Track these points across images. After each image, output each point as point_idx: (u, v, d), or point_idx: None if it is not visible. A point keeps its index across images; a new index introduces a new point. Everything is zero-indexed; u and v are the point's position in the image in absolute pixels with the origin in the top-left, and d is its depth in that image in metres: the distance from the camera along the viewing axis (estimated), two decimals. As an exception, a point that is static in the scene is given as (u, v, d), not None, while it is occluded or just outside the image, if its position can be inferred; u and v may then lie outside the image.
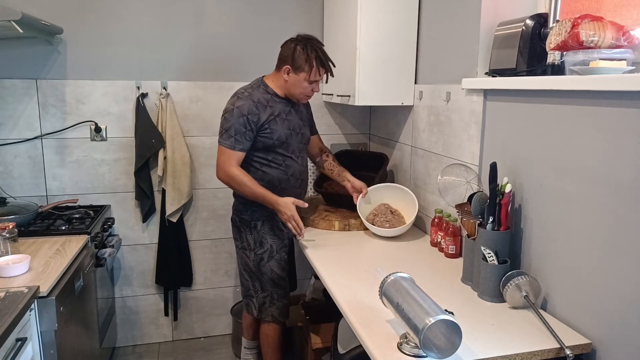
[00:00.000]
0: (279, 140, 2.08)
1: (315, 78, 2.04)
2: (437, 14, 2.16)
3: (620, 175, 1.24)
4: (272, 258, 2.16)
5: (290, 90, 2.08)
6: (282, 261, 2.19)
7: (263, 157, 2.10)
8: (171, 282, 2.84)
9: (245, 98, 2.04)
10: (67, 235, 2.19)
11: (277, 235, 2.17)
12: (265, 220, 2.15)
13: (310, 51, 2.00)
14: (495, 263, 1.53)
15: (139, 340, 2.92)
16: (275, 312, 2.21)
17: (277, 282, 2.19)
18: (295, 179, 2.17)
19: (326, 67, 2.05)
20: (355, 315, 1.46)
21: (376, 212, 2.28)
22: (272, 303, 2.20)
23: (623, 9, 1.47)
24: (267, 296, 2.19)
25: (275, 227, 2.17)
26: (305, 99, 2.14)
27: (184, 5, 2.65)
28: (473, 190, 1.80)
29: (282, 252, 2.19)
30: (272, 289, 2.19)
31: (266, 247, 2.15)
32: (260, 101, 2.05)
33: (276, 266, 2.17)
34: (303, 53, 2.00)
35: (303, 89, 2.06)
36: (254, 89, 2.09)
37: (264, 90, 2.09)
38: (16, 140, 2.55)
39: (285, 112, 2.12)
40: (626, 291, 1.23)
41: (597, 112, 1.31)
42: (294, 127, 2.14)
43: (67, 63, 2.56)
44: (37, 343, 1.64)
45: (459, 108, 1.99)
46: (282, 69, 2.05)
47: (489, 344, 1.30)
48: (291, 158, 2.15)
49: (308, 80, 2.03)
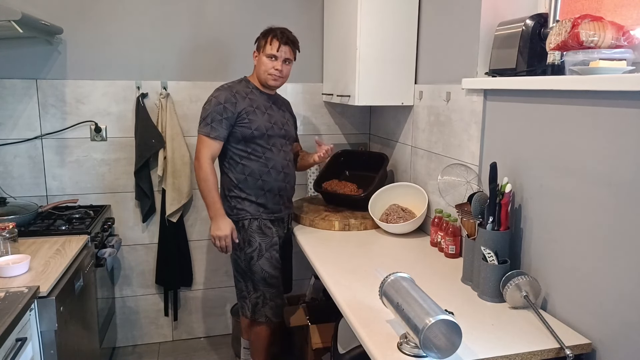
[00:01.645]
0: (258, 130, 2.11)
1: (272, 51, 2.10)
2: (437, 14, 2.16)
3: (620, 175, 1.24)
4: (262, 257, 2.16)
5: (258, 72, 2.17)
6: (273, 259, 2.19)
7: (242, 149, 2.13)
8: (171, 282, 2.84)
9: (224, 89, 2.13)
10: (67, 235, 2.19)
11: (265, 233, 2.17)
12: (251, 219, 2.16)
13: (269, 29, 2.15)
14: (495, 263, 1.53)
15: (139, 340, 2.92)
16: (268, 312, 2.21)
17: (269, 281, 2.18)
18: (276, 172, 2.17)
19: (279, 38, 2.10)
20: (355, 315, 1.46)
21: (388, 212, 2.30)
22: (265, 303, 2.20)
23: (623, 9, 1.47)
24: (259, 296, 2.19)
25: (262, 225, 2.17)
26: (269, 79, 2.13)
27: (184, 5, 2.66)
28: (473, 190, 1.80)
29: (271, 250, 2.18)
30: (264, 288, 2.19)
31: (255, 245, 2.15)
32: (239, 92, 2.13)
33: (267, 265, 2.17)
34: (261, 34, 2.17)
35: (265, 65, 2.12)
36: (234, 83, 2.19)
37: (245, 84, 2.19)
38: (16, 140, 2.55)
39: (265, 107, 2.17)
40: (626, 291, 1.23)
41: (597, 112, 1.31)
42: (275, 122, 2.18)
43: (67, 63, 2.56)
44: (37, 343, 1.64)
45: (459, 108, 1.99)
46: (254, 58, 2.20)
47: (489, 344, 1.30)
48: (271, 150, 2.15)
49: (268, 55, 2.11)
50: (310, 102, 2.94)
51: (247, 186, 2.15)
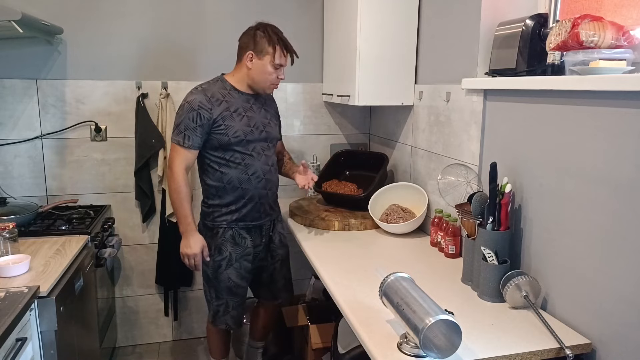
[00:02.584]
0: (235, 137, 1.98)
1: (280, 61, 1.98)
2: (437, 14, 2.16)
3: (620, 175, 1.24)
4: (231, 266, 2.08)
5: (254, 78, 2.00)
6: (242, 269, 2.10)
7: (220, 157, 2.01)
8: (171, 282, 2.84)
9: (197, 92, 1.97)
10: (67, 235, 2.19)
11: (239, 243, 2.08)
12: (226, 228, 2.07)
13: (271, 34, 1.96)
14: (495, 263, 1.53)
15: (139, 340, 2.92)
16: (229, 320, 2.15)
17: (234, 290, 2.11)
18: (257, 179, 2.05)
19: (289, 49, 2.00)
20: (355, 315, 1.46)
21: (388, 212, 2.30)
22: (227, 312, 2.14)
23: (623, 9, 1.47)
24: (221, 304, 2.13)
25: (237, 235, 2.08)
26: (271, 88, 2.04)
27: (184, 5, 2.66)
28: (473, 190, 1.80)
29: (242, 260, 2.09)
30: (227, 297, 2.12)
31: (225, 254, 2.07)
32: (214, 95, 1.97)
33: (234, 274, 2.09)
34: (265, 36, 1.96)
35: (268, 74, 1.98)
36: (210, 84, 2.02)
37: (222, 85, 2.02)
38: (16, 140, 2.55)
39: (244, 108, 2.02)
40: (626, 291, 1.23)
41: (597, 112, 1.31)
42: (255, 124, 2.03)
43: (67, 63, 2.56)
44: (37, 343, 1.64)
45: (459, 108, 1.99)
46: (244, 58, 1.99)
47: (489, 344, 1.30)
48: (251, 156, 2.03)
49: (273, 64, 1.96)
50: (310, 102, 2.94)
51: (226, 194, 2.04)
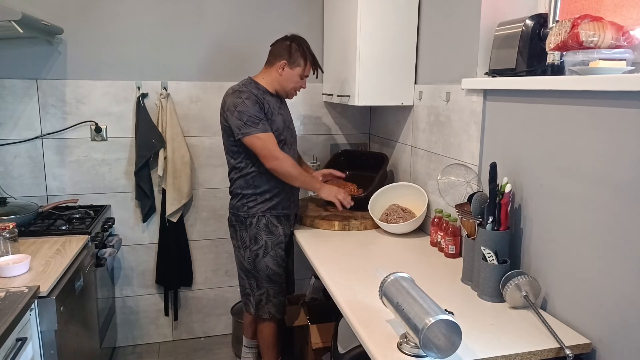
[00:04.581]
0: (277, 131, 2.14)
1: (308, 73, 2.22)
2: (437, 14, 2.16)
3: (620, 175, 1.24)
4: (267, 254, 2.18)
5: (283, 84, 2.19)
6: (278, 257, 2.21)
7: None
8: (171, 282, 2.84)
9: (245, 91, 2.10)
10: (67, 235, 2.19)
11: (272, 231, 2.19)
12: (260, 217, 2.17)
13: (305, 49, 2.19)
14: (495, 263, 1.54)
15: (139, 340, 2.92)
16: (272, 309, 2.24)
17: (273, 278, 2.21)
18: None
19: (317, 65, 2.25)
20: (355, 315, 1.46)
21: (388, 212, 2.31)
22: (269, 300, 2.23)
23: (623, 9, 1.47)
24: (263, 293, 2.22)
25: (270, 223, 2.19)
26: (294, 94, 2.26)
27: (184, 5, 2.66)
28: (473, 190, 1.80)
29: (277, 248, 2.21)
30: (267, 285, 2.21)
31: (261, 243, 2.17)
32: (256, 94, 2.12)
33: (272, 262, 2.19)
34: (299, 49, 2.17)
35: (295, 83, 2.20)
36: (246, 86, 2.14)
37: (255, 87, 2.15)
38: (16, 140, 2.55)
39: (279, 108, 2.21)
40: (626, 291, 1.23)
41: (597, 112, 1.31)
42: (285, 121, 2.22)
43: (67, 63, 2.56)
44: (37, 343, 1.64)
45: (458, 108, 1.99)
46: (276, 65, 2.16)
47: (489, 344, 1.30)
48: (284, 149, 2.18)
49: (301, 75, 2.19)
50: (310, 102, 2.94)
51: (262, 183, 2.15)
